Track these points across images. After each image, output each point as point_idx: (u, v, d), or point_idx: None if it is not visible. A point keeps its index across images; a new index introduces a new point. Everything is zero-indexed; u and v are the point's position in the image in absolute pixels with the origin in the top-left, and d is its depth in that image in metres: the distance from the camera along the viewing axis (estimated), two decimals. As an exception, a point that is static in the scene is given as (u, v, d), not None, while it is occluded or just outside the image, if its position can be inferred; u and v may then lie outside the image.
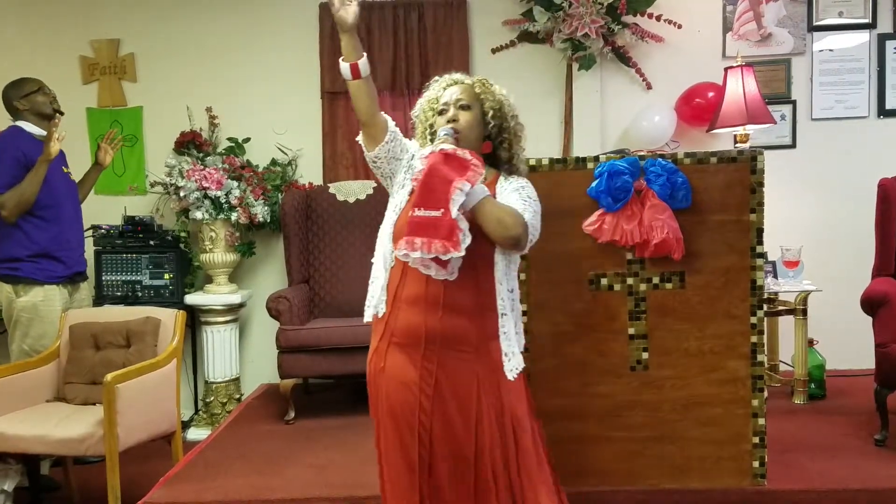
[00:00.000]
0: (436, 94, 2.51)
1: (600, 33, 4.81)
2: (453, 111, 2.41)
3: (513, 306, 2.39)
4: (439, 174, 2.17)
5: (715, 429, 3.09)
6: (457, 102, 2.43)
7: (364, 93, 2.39)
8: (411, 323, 2.32)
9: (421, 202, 2.18)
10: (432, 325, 2.29)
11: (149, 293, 4.84)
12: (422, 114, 2.54)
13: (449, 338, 2.30)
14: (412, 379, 2.31)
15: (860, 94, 4.96)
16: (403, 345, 2.34)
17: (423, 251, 2.16)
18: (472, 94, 2.46)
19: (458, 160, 2.19)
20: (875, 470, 3.27)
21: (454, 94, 2.44)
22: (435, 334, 2.29)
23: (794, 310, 4.27)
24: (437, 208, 2.15)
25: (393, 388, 2.34)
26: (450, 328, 2.29)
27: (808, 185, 4.96)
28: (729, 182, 3.03)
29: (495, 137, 2.47)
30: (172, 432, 3.76)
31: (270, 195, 4.89)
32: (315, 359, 4.25)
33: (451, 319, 2.29)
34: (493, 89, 2.50)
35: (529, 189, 2.41)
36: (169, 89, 5.18)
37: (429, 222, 2.16)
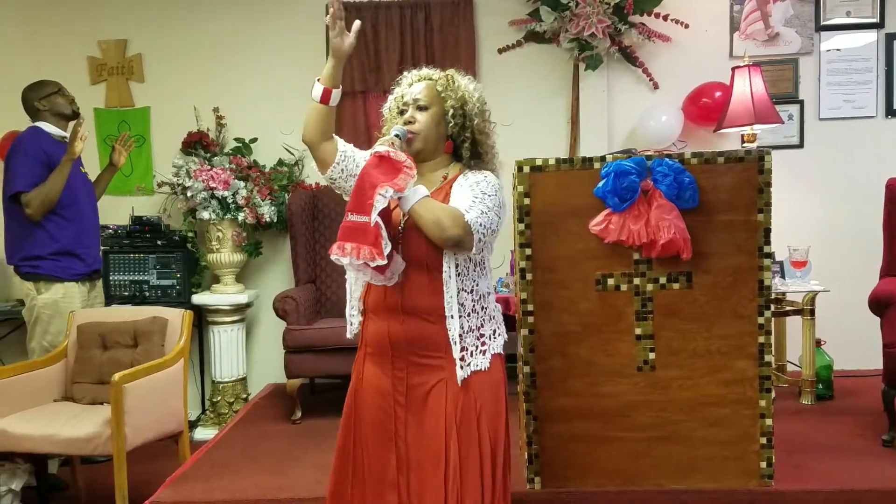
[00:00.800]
0: (401, 90, 2.45)
1: (607, 33, 4.81)
2: (411, 111, 2.36)
3: (475, 307, 2.28)
4: (370, 178, 2.12)
5: (722, 429, 3.08)
6: (415, 102, 2.36)
7: (322, 119, 2.32)
8: (378, 331, 2.31)
9: (352, 207, 2.14)
10: (395, 332, 2.26)
11: (156, 293, 4.85)
12: (388, 112, 2.49)
13: (413, 343, 2.26)
14: (385, 388, 2.31)
15: (868, 93, 4.95)
16: (375, 354, 2.34)
17: (353, 257, 2.11)
18: (432, 93, 2.38)
19: (390, 163, 2.13)
20: (883, 470, 3.26)
21: (413, 93, 2.38)
22: (399, 341, 2.27)
23: (802, 310, 4.26)
24: (367, 214, 2.10)
25: (370, 397, 2.34)
26: (412, 334, 2.25)
27: (815, 185, 4.94)
28: (736, 182, 3.02)
29: (457, 137, 2.38)
30: (179, 432, 3.76)
31: (277, 195, 4.90)
32: (321, 358, 4.26)
33: (412, 325, 2.25)
34: (456, 86, 2.41)
35: (486, 184, 2.28)
36: (176, 90, 5.19)
37: (358, 227, 2.11)
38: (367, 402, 2.34)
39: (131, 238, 4.89)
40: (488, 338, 2.32)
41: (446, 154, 2.40)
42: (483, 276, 2.34)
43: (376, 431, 2.32)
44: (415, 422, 2.28)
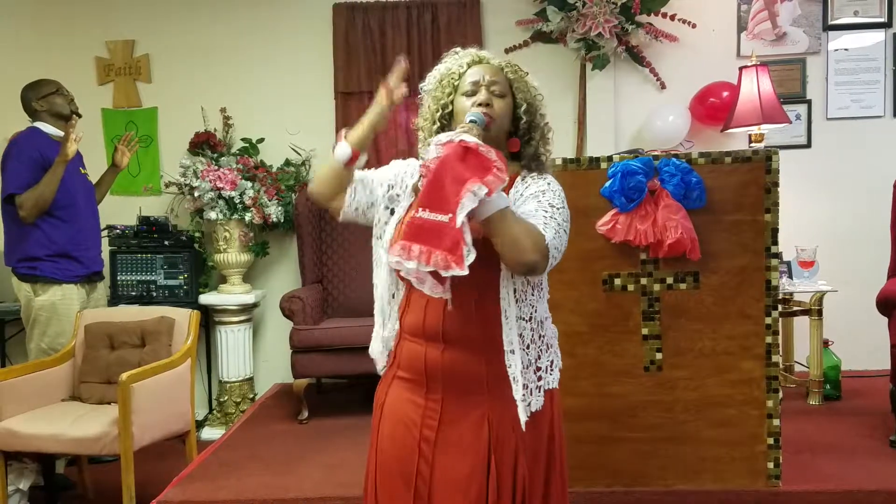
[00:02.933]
0: (457, 69, 2.05)
1: (614, 33, 4.80)
2: (485, 95, 1.96)
3: (533, 337, 1.95)
4: (454, 171, 1.71)
5: (729, 430, 3.08)
6: (490, 85, 1.98)
7: (341, 180, 2.04)
8: (414, 354, 1.96)
9: (426, 202, 1.74)
10: (433, 359, 1.92)
11: (163, 293, 4.86)
12: (436, 91, 2.09)
13: (453, 375, 1.91)
14: (413, 418, 1.95)
15: (876, 93, 4.93)
16: (406, 379, 1.99)
17: (421, 262, 1.72)
18: (505, 80, 2.03)
19: (479, 158, 1.72)
20: (890, 471, 3.25)
21: (486, 76, 2.00)
22: (436, 370, 1.92)
23: (810, 310, 4.25)
24: (445, 212, 1.71)
25: (391, 427, 2.00)
26: (452, 364, 1.90)
27: (823, 184, 4.93)
28: (743, 182, 3.01)
29: (524, 135, 2.04)
30: (187, 432, 3.77)
31: (284, 195, 4.90)
32: (328, 358, 4.27)
33: (453, 354, 1.90)
34: (526, 78, 2.09)
35: (552, 194, 1.93)
36: (183, 90, 5.20)
37: (433, 227, 1.72)
38: (387, 432, 2.00)
39: (139, 238, 4.90)
40: (545, 371, 1.98)
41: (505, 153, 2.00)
42: (541, 299, 2.00)
43: (395, 468, 1.97)
44: (444, 463, 1.91)
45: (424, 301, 1.90)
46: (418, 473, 1.92)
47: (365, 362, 4.36)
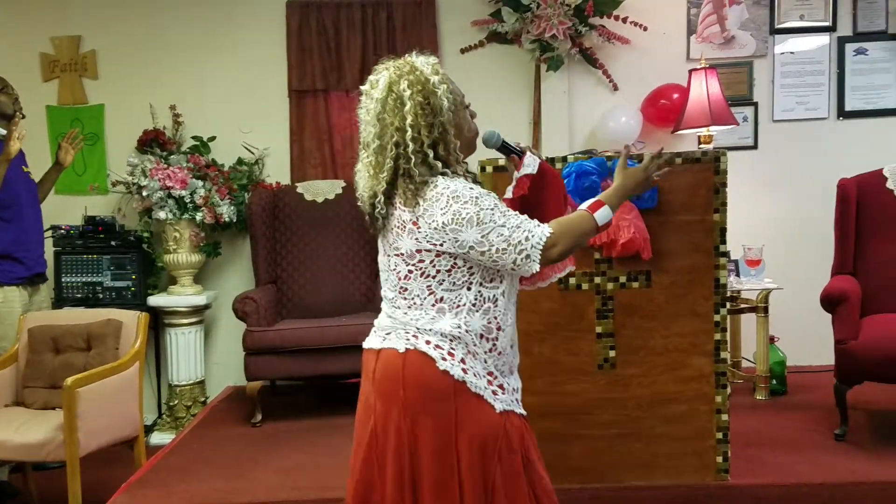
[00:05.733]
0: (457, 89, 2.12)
1: (568, 35, 4.84)
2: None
3: None
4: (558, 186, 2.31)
5: (680, 425, 3.12)
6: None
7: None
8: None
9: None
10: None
11: (110, 295, 4.77)
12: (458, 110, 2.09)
13: None
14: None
15: (820, 95, 5.04)
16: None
17: (572, 266, 2.28)
18: None
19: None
20: (835, 464, 3.34)
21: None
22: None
23: (756, 307, 4.33)
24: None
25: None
26: None
27: (769, 185, 5.03)
28: (693, 182, 3.06)
29: None
30: (135, 437, 3.71)
31: (236, 195, 4.85)
32: (283, 360, 4.23)
33: None
34: None
35: None
36: (131, 87, 5.11)
37: None
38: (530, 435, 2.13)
39: (84, 239, 4.80)
40: None
41: None
42: None
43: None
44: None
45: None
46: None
47: (321, 364, 4.42)
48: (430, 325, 1.99)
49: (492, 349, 2.03)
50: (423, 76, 2.01)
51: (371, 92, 2.06)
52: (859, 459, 3.38)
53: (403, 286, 2.03)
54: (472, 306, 2.00)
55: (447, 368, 1.96)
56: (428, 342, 1.98)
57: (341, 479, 3.36)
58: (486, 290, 2.02)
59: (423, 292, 2.01)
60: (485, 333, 2.01)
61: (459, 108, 2.09)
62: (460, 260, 1.98)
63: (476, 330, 2.00)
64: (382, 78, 2.04)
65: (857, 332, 3.59)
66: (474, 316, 2.00)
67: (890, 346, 3.44)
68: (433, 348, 1.97)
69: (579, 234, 2.04)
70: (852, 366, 3.57)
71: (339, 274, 4.79)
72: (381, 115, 2.01)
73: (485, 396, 1.99)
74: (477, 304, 2.00)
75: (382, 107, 2.01)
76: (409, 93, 1.98)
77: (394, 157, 1.98)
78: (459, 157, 2.06)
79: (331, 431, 4.09)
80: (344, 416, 4.30)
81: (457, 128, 2.05)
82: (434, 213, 1.94)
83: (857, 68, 5.01)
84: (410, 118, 1.97)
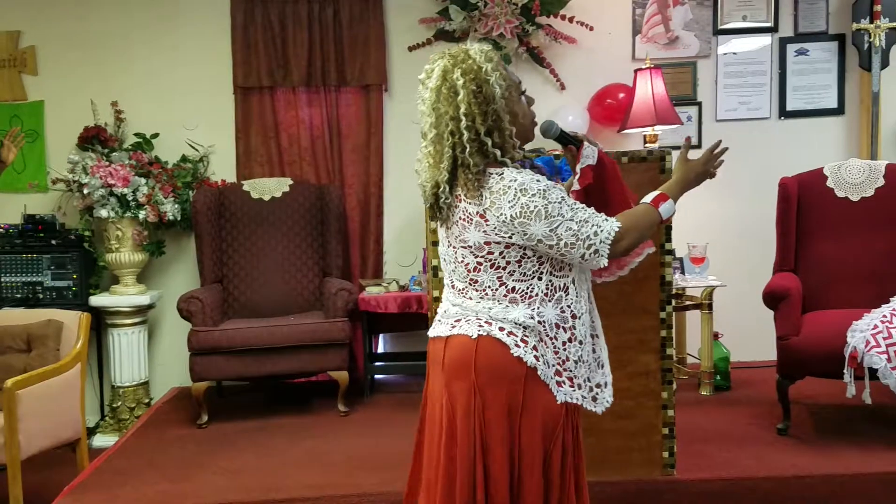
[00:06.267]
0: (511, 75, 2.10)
1: (515, 33, 4.87)
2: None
3: None
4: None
5: (628, 421, 3.16)
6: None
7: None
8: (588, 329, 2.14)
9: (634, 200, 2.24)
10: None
11: (51, 295, 4.67)
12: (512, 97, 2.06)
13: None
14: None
15: (762, 95, 5.14)
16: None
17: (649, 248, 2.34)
18: None
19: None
20: (778, 458, 3.41)
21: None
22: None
23: (701, 304, 4.41)
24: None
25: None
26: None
27: (712, 184, 4.96)
28: (639, 181, 3.08)
29: None
30: (77, 439, 3.66)
31: (181, 192, 4.78)
32: (230, 360, 4.19)
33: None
34: None
35: None
36: (72, 83, 5.00)
37: None
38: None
39: (23, 238, 4.70)
40: None
41: None
42: None
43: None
44: None
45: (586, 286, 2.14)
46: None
47: (268, 364, 4.37)
48: (503, 314, 2.00)
49: (571, 339, 2.04)
50: (476, 64, 2.00)
51: (426, 82, 2.06)
52: (801, 453, 3.46)
53: (473, 278, 2.03)
54: (544, 296, 2.01)
55: (520, 355, 1.97)
56: (502, 329, 1.99)
57: (288, 479, 3.36)
58: (556, 279, 2.03)
59: (493, 283, 2.01)
60: (560, 322, 2.02)
61: (514, 95, 2.08)
62: (529, 251, 1.99)
63: (550, 320, 2.01)
64: (437, 67, 2.04)
65: (799, 328, 3.67)
66: (547, 305, 2.01)
67: (830, 342, 3.51)
68: (506, 335, 1.98)
69: (645, 227, 2.08)
70: (794, 361, 3.65)
71: (287, 273, 4.74)
72: (436, 105, 2.02)
73: (549, 385, 2.01)
74: (549, 294, 2.02)
75: (437, 96, 2.01)
76: (462, 81, 1.98)
77: (451, 147, 1.98)
78: (516, 143, 2.06)
79: (277, 432, 4.07)
80: (291, 417, 4.32)
81: (511, 115, 2.04)
82: (502, 206, 1.93)
83: (798, 68, 5.12)
84: (464, 107, 1.96)
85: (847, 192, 4.08)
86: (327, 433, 4.03)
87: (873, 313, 3.57)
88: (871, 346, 3.37)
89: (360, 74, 4.99)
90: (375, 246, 5.10)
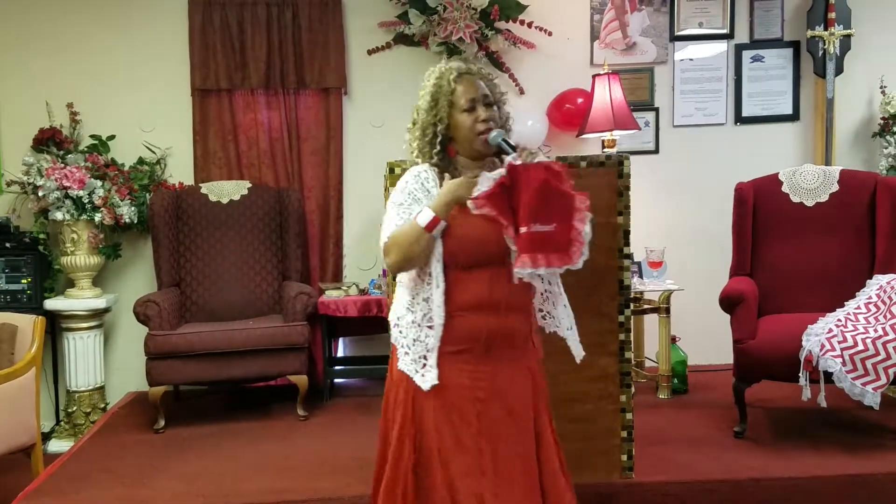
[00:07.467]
0: (448, 86, 2.34)
1: (474, 38, 4.88)
2: (485, 112, 2.33)
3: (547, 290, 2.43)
4: (554, 189, 2.18)
5: (587, 425, 3.19)
6: (484, 99, 2.34)
7: (431, 246, 2.24)
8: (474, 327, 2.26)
9: (535, 217, 2.15)
10: (494, 327, 2.27)
11: (4, 298, 4.61)
12: (433, 108, 2.35)
13: (509, 338, 2.31)
14: (466, 384, 2.27)
15: (719, 101, 5.22)
16: (462, 351, 2.28)
17: (545, 266, 2.16)
18: (494, 91, 2.41)
19: (555, 171, 2.20)
20: (735, 461, 3.46)
21: (478, 90, 2.35)
22: (497, 336, 2.28)
23: (658, 308, 4.46)
24: (551, 222, 2.17)
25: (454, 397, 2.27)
26: (510, 328, 2.30)
27: (670, 189, 5.17)
28: (598, 185, 3.12)
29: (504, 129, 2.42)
30: (32, 445, 3.61)
31: (138, 195, 4.73)
32: (187, 364, 4.14)
33: (511, 319, 2.29)
34: (496, 80, 2.46)
35: None
36: (26, 83, 4.92)
37: (545, 237, 2.17)
38: (446, 402, 2.26)
39: (-24, 240, 4.61)
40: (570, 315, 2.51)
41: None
42: None
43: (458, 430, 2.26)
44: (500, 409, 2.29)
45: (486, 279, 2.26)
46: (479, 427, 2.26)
47: (227, 368, 4.34)
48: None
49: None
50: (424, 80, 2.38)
51: None
52: (758, 456, 3.51)
53: None
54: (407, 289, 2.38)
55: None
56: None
57: (247, 484, 3.34)
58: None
59: None
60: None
61: (453, 109, 2.33)
62: None
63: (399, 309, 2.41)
64: None
65: (755, 331, 3.72)
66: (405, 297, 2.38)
67: (786, 346, 3.56)
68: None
69: (405, 242, 2.22)
70: (750, 365, 3.70)
71: (245, 276, 4.71)
72: None
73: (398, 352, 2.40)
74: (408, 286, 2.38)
75: None
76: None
77: None
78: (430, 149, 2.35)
79: (236, 436, 4.03)
80: (250, 421, 4.28)
81: (454, 128, 2.33)
82: None
83: (753, 75, 5.21)
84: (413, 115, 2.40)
85: (802, 198, 4.16)
86: (286, 437, 4.01)
87: (828, 317, 3.64)
88: (826, 349, 3.42)
89: (319, 77, 4.98)
90: (335, 249, 5.08)
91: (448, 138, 2.35)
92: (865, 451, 3.52)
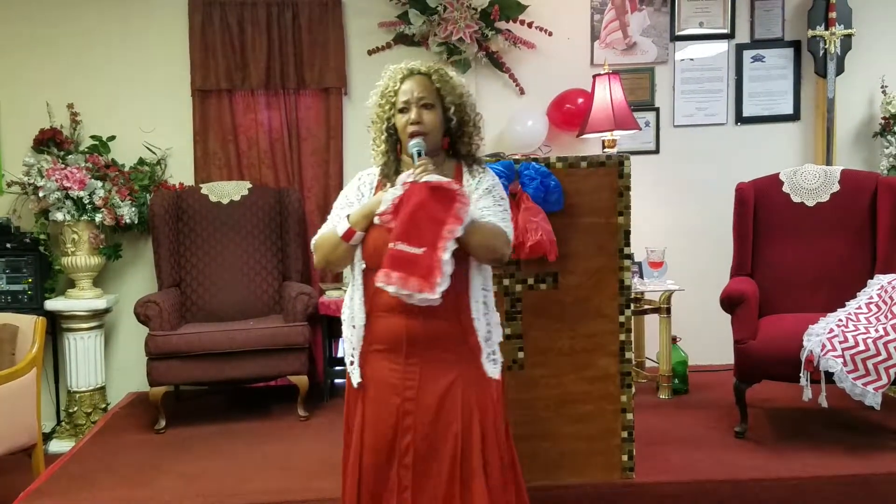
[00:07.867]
0: (393, 86, 2.40)
1: (474, 38, 4.88)
2: (416, 111, 2.34)
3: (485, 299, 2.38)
4: (427, 211, 2.12)
5: (587, 425, 3.19)
6: (419, 101, 2.34)
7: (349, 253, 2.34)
8: (392, 328, 2.29)
9: (403, 237, 2.13)
10: (414, 329, 2.27)
11: (5, 299, 4.62)
12: (378, 108, 2.44)
13: (432, 340, 2.29)
14: (393, 382, 2.30)
15: (719, 101, 5.22)
16: (385, 350, 2.32)
17: (399, 287, 2.12)
18: (432, 90, 2.37)
19: (444, 191, 2.14)
20: (736, 461, 3.45)
21: (415, 91, 2.36)
22: (418, 337, 2.28)
23: (659, 308, 4.45)
24: (420, 245, 2.11)
25: (377, 392, 2.32)
26: (432, 331, 2.28)
27: (670, 189, 5.17)
28: (598, 186, 3.13)
29: (455, 132, 2.42)
30: (33, 445, 3.62)
31: (138, 196, 4.73)
32: (187, 365, 4.14)
33: (431, 323, 2.27)
34: (452, 81, 2.42)
35: (499, 187, 2.40)
36: (27, 84, 4.92)
37: (408, 258, 2.11)
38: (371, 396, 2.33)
39: (-23, 241, 4.62)
40: (496, 343, 2.41)
41: (442, 151, 2.43)
42: (489, 271, 2.43)
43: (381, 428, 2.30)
44: (427, 414, 2.28)
45: None
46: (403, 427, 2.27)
47: (227, 368, 4.34)
48: None
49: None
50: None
51: None
52: (759, 456, 3.51)
53: None
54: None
55: None
56: None
57: (247, 484, 3.34)
58: None
59: None
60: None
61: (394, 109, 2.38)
62: None
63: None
64: None
65: (756, 332, 3.72)
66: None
67: (787, 346, 3.55)
68: None
69: (327, 247, 2.35)
70: (751, 365, 3.69)
71: (246, 276, 4.71)
72: None
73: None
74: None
75: None
76: None
77: None
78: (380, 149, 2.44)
79: (236, 436, 4.04)
80: (250, 421, 4.29)
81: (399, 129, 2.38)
82: None
83: (754, 74, 5.20)
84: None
85: (803, 198, 4.16)
86: (287, 438, 4.01)
87: (829, 317, 3.64)
88: (828, 349, 3.42)
89: (319, 77, 4.98)
90: (336, 249, 5.07)
91: (397, 139, 2.41)
92: (866, 451, 3.52)
